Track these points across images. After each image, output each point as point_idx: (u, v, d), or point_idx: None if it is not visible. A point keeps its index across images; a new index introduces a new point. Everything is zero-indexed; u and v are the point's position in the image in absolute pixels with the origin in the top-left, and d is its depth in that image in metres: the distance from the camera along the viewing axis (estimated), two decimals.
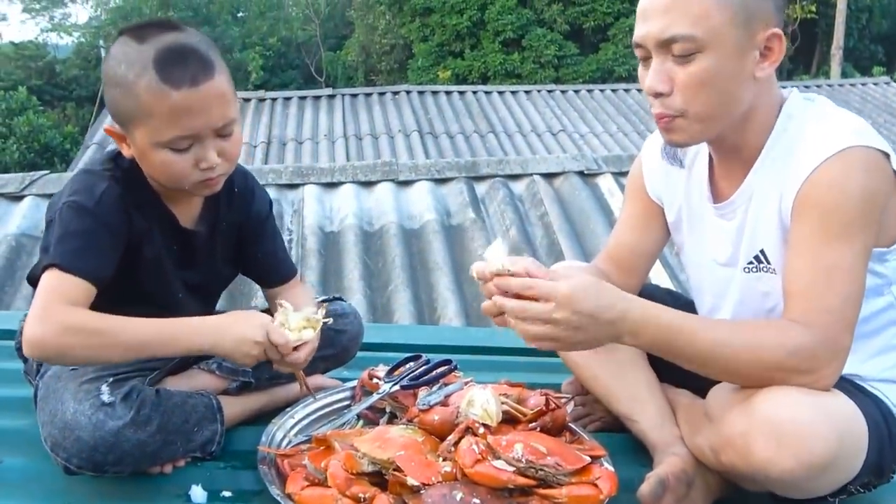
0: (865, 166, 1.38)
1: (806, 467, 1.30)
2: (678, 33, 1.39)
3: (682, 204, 1.70)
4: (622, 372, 1.71)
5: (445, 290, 3.82)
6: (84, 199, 1.49)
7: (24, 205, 4.38)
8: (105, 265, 1.50)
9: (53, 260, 1.46)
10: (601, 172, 4.87)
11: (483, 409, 1.49)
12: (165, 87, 1.42)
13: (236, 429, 1.70)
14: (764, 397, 1.35)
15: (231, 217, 1.73)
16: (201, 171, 1.50)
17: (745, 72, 1.43)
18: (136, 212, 1.56)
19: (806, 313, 1.38)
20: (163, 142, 1.46)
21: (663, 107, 1.45)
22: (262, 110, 10.78)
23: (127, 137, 1.51)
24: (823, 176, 1.38)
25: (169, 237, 1.62)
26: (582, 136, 10.39)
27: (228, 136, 1.51)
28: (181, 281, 1.67)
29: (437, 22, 19.16)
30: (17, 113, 14.50)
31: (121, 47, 1.48)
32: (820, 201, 1.38)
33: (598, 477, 1.41)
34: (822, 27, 20.58)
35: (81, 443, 1.42)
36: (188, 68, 1.43)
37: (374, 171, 4.85)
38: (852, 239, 1.38)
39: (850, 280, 1.38)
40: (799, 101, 1.51)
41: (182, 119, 1.44)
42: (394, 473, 1.37)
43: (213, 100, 1.46)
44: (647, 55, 1.46)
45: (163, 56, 1.43)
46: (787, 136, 1.48)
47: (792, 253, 1.43)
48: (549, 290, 1.33)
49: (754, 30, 1.41)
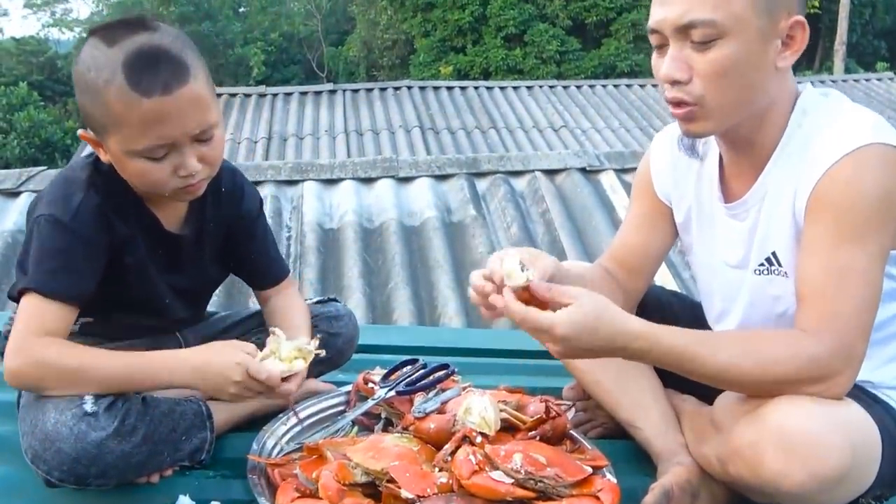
0: (883, 164, 1.32)
1: (818, 480, 1.25)
2: (698, 18, 1.33)
3: (692, 204, 1.64)
4: (625, 377, 1.66)
5: (446, 288, 3.78)
6: (60, 213, 1.43)
7: (20, 201, 4.35)
8: (84, 283, 1.45)
9: (30, 284, 1.42)
10: (603, 169, 4.82)
11: (481, 416, 1.45)
12: (135, 94, 1.34)
13: (226, 436, 1.65)
14: (774, 407, 1.30)
15: (219, 217, 1.66)
16: (180, 178, 1.43)
17: (767, 60, 1.37)
18: (118, 219, 1.49)
19: (818, 319, 1.33)
20: (136, 150, 1.39)
21: (681, 93, 1.39)
22: (263, 106, 10.73)
23: (102, 144, 1.44)
24: (839, 174, 1.33)
25: (153, 242, 1.56)
26: (584, 132, 10.32)
27: (208, 140, 1.43)
28: (168, 286, 1.62)
29: (439, 17, 19.11)
30: (18, 108, 14.51)
31: (90, 50, 1.40)
32: (834, 201, 1.33)
33: (599, 489, 1.36)
34: (826, 22, 20.48)
35: (63, 455, 1.36)
36: (159, 74, 1.35)
37: (374, 167, 4.80)
38: (867, 240, 1.32)
39: (865, 283, 1.33)
40: (814, 95, 1.46)
41: (155, 128, 1.36)
42: (387, 485, 1.33)
43: (187, 106, 1.38)
44: (663, 42, 1.40)
45: (132, 61, 1.35)
46: (801, 133, 1.42)
47: (804, 254, 1.38)
48: (547, 326, 1.30)
49: (777, 17, 1.35)
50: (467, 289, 4.06)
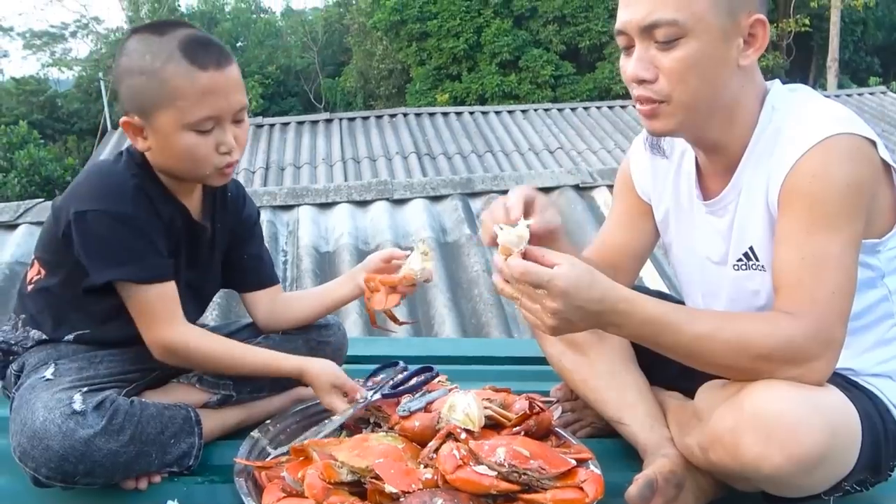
0: (849, 154, 1.34)
1: (796, 462, 1.25)
2: (661, 18, 1.37)
3: (671, 202, 1.67)
4: (611, 376, 1.67)
5: (442, 307, 3.78)
6: (115, 205, 1.51)
7: (18, 233, 4.37)
8: (168, 262, 1.58)
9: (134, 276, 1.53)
10: (597, 186, 4.85)
11: (465, 413, 1.46)
12: (194, 68, 1.48)
13: (216, 443, 1.66)
14: (752, 392, 1.31)
15: (225, 219, 1.76)
16: (220, 154, 1.55)
17: (729, 58, 1.40)
18: (161, 204, 1.59)
19: (796, 305, 1.34)
20: (191, 122, 1.50)
21: (648, 91, 1.42)
22: (261, 136, 10.81)
23: (144, 129, 1.53)
24: (806, 166, 1.35)
25: (185, 231, 1.65)
26: (579, 153, 10.39)
27: (241, 122, 1.58)
28: (185, 279, 1.67)
29: (434, 46, 19.30)
30: (19, 147, 14.59)
31: (139, 42, 1.53)
32: (804, 192, 1.35)
33: (583, 480, 1.37)
34: (818, 40, 20.68)
35: (51, 452, 1.38)
36: (212, 53, 1.51)
37: (368, 190, 4.83)
38: (839, 229, 1.34)
39: (840, 271, 1.34)
40: (782, 92, 1.48)
41: (210, 99, 1.50)
42: (372, 482, 1.34)
43: (234, 83, 1.54)
44: (629, 43, 1.43)
45: (187, 43, 1.50)
46: (771, 129, 1.44)
47: (779, 245, 1.39)
48: (546, 278, 1.30)
49: (738, 15, 1.39)
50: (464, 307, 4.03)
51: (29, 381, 1.52)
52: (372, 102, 21.29)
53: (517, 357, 2.28)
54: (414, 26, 19.34)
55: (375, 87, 21.54)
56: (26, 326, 1.64)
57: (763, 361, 1.32)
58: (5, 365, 1.67)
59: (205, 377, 1.69)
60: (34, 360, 1.59)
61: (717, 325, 1.36)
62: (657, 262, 3.94)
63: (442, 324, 3.68)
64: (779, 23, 20.47)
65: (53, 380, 1.50)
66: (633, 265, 1.77)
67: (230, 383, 1.71)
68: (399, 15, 19.56)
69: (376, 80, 21.40)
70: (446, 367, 2.11)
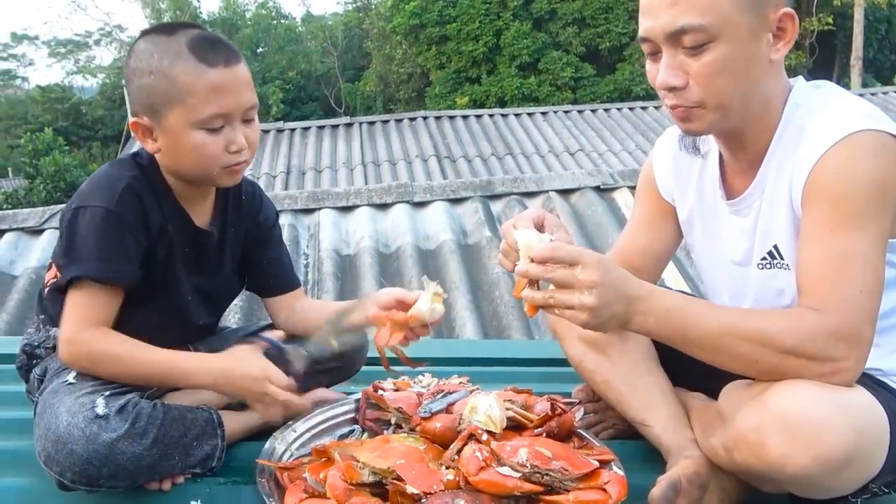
0: (875, 151, 1.32)
1: (822, 463, 1.24)
2: (688, 24, 1.35)
3: (694, 202, 1.65)
4: (634, 377, 1.66)
5: (463, 310, 3.78)
6: (103, 202, 1.51)
7: (44, 238, 4.43)
8: (130, 267, 1.54)
9: (81, 272, 1.50)
10: (618, 187, 4.83)
11: (486, 415, 1.45)
12: (202, 65, 1.49)
13: (238, 444, 1.67)
14: (777, 392, 1.30)
15: (239, 223, 1.75)
16: (230, 154, 1.54)
17: (761, 55, 1.39)
18: (154, 208, 1.58)
19: (820, 303, 1.32)
20: (200, 120, 1.50)
21: (681, 99, 1.41)
22: (282, 141, 10.88)
23: (154, 130, 1.54)
24: (831, 162, 1.33)
25: (183, 236, 1.64)
26: (600, 155, 10.35)
27: (251, 121, 1.58)
28: (190, 284, 1.67)
29: (454, 49, 19.34)
30: (44, 153, 14.80)
31: (149, 43, 1.54)
32: (829, 188, 1.33)
33: (606, 481, 1.36)
34: (841, 39, 20.47)
35: (75, 456, 1.39)
36: (220, 52, 1.52)
37: (389, 193, 4.84)
38: (865, 227, 1.32)
39: (865, 269, 1.32)
40: (805, 88, 1.47)
41: (218, 97, 1.50)
42: (394, 482, 1.33)
43: (243, 82, 1.55)
44: (655, 49, 1.42)
45: (196, 42, 1.51)
46: (794, 126, 1.43)
47: (803, 243, 1.38)
48: (577, 253, 1.30)
49: (764, 12, 1.37)
50: (485, 309, 4.03)
51: (52, 386, 1.53)
52: (392, 106, 21.36)
53: (538, 359, 2.28)
54: (433, 30, 19.40)
55: (395, 91, 21.61)
56: (46, 326, 1.66)
57: (788, 357, 1.31)
58: (29, 369, 1.68)
59: None
60: (57, 364, 1.60)
61: (741, 318, 1.35)
62: (680, 264, 3.92)
63: (463, 326, 3.68)
64: (802, 22, 20.29)
65: (76, 384, 1.51)
66: (655, 267, 1.75)
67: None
68: (418, 19, 19.63)
69: (396, 83, 21.47)
70: (468, 368, 2.11)
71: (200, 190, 1.65)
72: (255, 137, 1.58)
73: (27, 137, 15.39)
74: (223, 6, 30.62)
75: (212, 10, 28.63)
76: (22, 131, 19.68)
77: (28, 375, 1.69)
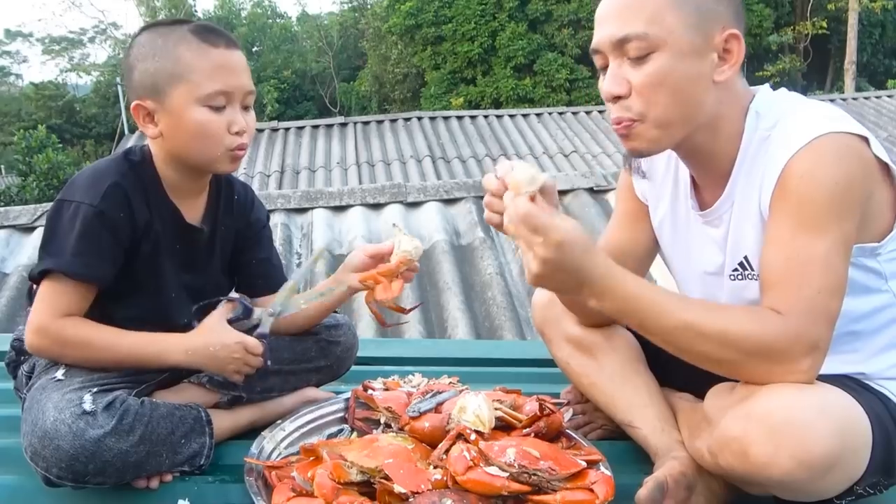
0: (837, 153, 1.32)
1: (806, 468, 1.24)
2: (631, 32, 1.37)
3: (667, 210, 1.65)
4: (621, 378, 1.66)
5: (455, 310, 3.78)
6: (87, 198, 1.51)
7: (35, 235, 4.42)
8: (106, 265, 1.55)
9: (55, 266, 1.51)
10: (611, 189, 4.84)
11: (475, 415, 1.45)
12: (205, 45, 1.55)
13: (227, 443, 1.67)
14: (760, 397, 1.30)
15: (230, 223, 1.75)
16: (232, 135, 1.56)
17: (702, 74, 1.39)
18: (141, 204, 1.58)
19: (782, 305, 1.32)
20: (203, 95, 1.53)
21: (622, 110, 1.41)
22: (276, 140, 10.87)
23: (156, 113, 1.56)
24: (795, 168, 1.33)
25: (172, 233, 1.64)
26: (594, 157, 10.36)
27: (249, 108, 1.61)
28: (178, 282, 1.67)
29: (449, 50, 19.34)
30: (37, 151, 14.71)
31: (150, 34, 1.58)
32: (794, 192, 1.33)
33: (594, 481, 1.36)
34: (835, 43, 20.56)
35: (61, 452, 1.39)
36: (221, 35, 1.59)
37: (382, 193, 4.84)
38: (827, 229, 1.32)
39: (826, 272, 1.32)
40: (765, 98, 1.47)
41: (222, 73, 1.54)
42: (381, 482, 1.34)
43: (242, 65, 1.60)
44: (605, 62, 1.44)
45: (198, 27, 1.57)
46: (759, 136, 1.43)
47: (767, 246, 1.38)
48: (545, 227, 1.29)
49: (710, 31, 1.38)
50: (477, 310, 4.03)
51: (39, 382, 1.53)
52: (387, 106, 21.36)
53: (529, 359, 2.28)
54: (429, 30, 19.40)
55: (390, 91, 21.61)
56: None
57: (746, 357, 1.31)
58: (17, 365, 1.68)
59: (214, 377, 1.69)
60: (45, 360, 1.60)
61: (704, 315, 1.34)
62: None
63: (455, 327, 3.68)
64: (796, 25, 20.38)
65: (64, 380, 1.51)
66: (636, 266, 1.74)
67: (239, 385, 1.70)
68: (414, 19, 19.63)
69: (391, 84, 21.46)
70: (458, 368, 2.12)
71: (194, 184, 1.65)
72: (253, 124, 1.61)
73: (20, 135, 15.31)
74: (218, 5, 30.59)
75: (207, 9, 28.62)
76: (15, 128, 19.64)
77: (16, 372, 1.69)
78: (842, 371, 1.45)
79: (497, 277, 3.95)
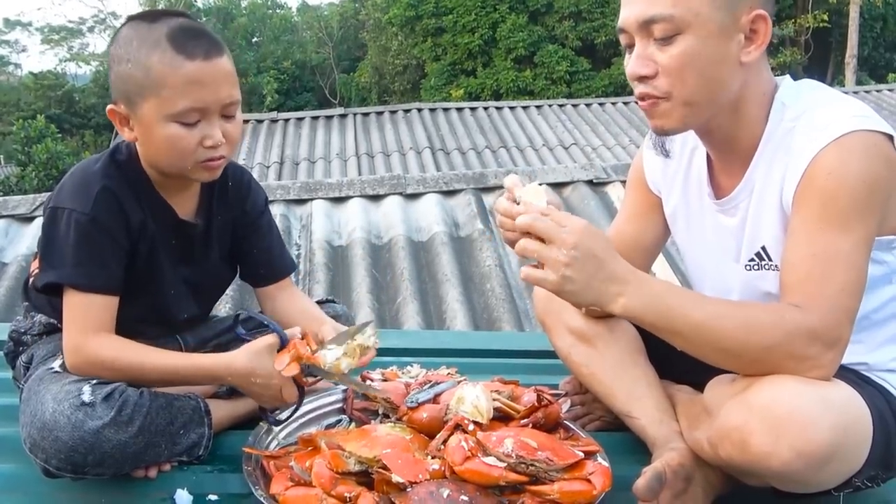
0: (865, 151, 1.33)
1: (805, 459, 1.24)
2: (657, 13, 1.37)
3: (680, 199, 1.66)
4: (621, 369, 1.67)
5: (454, 302, 3.79)
6: (80, 207, 1.49)
7: (34, 225, 4.42)
8: (115, 272, 1.53)
9: (66, 280, 1.49)
10: (610, 181, 4.83)
11: (473, 405, 1.46)
12: (179, 57, 1.44)
13: (225, 433, 1.67)
14: (761, 387, 1.30)
15: (225, 212, 1.72)
16: (205, 149, 1.50)
17: (729, 55, 1.39)
18: (132, 205, 1.55)
19: (802, 300, 1.33)
20: (173, 113, 1.46)
21: (648, 87, 1.42)
22: (275, 131, 10.84)
23: (130, 118, 1.51)
24: (822, 164, 1.33)
25: (166, 229, 1.61)
26: (594, 149, 10.34)
27: (231, 117, 1.53)
28: (177, 276, 1.65)
29: (449, 41, 19.31)
30: (36, 141, 14.69)
31: (131, 29, 1.50)
32: (820, 188, 1.34)
33: (591, 472, 1.37)
34: (836, 36, 20.51)
35: (60, 443, 1.38)
36: (201, 44, 1.47)
37: (381, 184, 4.84)
38: (852, 227, 1.32)
39: (849, 269, 1.33)
40: (791, 88, 1.47)
41: (194, 90, 1.45)
42: (379, 471, 1.34)
43: (222, 75, 1.49)
44: (630, 41, 1.43)
45: (176, 31, 1.47)
46: (783, 127, 1.43)
47: (790, 241, 1.38)
48: (566, 217, 1.32)
49: (737, 11, 1.38)
50: (476, 302, 4.02)
51: (38, 373, 1.53)
52: (387, 98, 21.33)
53: (527, 350, 2.28)
54: (429, 22, 19.36)
55: (390, 83, 21.57)
56: (32, 313, 1.66)
57: (769, 353, 1.31)
58: (15, 355, 1.68)
59: None
60: (43, 351, 1.60)
61: (724, 311, 1.35)
62: (670, 258, 3.93)
63: (454, 318, 3.68)
64: (797, 19, 20.33)
65: (62, 371, 1.51)
66: (643, 259, 1.75)
67: None
68: (414, 10, 19.58)
69: (391, 75, 21.43)
70: (456, 359, 2.12)
71: (182, 181, 1.61)
72: (236, 133, 1.53)
73: (19, 125, 15.29)
74: None
75: None
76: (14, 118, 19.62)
77: (14, 362, 1.68)
78: (845, 361, 1.45)
79: (496, 269, 3.95)
